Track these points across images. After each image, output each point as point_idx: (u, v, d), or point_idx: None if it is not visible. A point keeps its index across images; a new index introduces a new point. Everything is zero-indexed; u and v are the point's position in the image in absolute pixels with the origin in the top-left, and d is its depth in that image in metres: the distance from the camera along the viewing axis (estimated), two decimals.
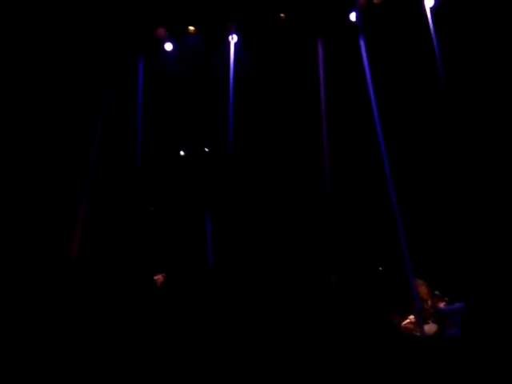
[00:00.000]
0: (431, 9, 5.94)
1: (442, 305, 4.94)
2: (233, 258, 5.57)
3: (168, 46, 6.52)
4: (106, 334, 3.97)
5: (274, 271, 4.02)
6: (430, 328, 4.84)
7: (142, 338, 3.73)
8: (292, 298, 3.88)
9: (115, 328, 3.85)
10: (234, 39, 6.42)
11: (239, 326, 4.62)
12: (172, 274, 4.93)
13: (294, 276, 3.87)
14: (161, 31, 6.39)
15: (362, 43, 6.05)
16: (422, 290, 5.13)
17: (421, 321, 4.91)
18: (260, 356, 3.94)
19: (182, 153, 6.02)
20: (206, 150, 5.98)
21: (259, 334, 4.35)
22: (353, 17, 6.13)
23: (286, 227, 3.92)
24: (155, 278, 4.82)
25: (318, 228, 3.84)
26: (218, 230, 5.86)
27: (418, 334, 4.86)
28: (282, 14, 6.02)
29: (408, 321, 5.02)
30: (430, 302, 5.10)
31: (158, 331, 3.89)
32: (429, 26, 5.90)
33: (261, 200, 4.41)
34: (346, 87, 6.08)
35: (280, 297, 3.98)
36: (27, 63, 5.77)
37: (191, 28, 6.32)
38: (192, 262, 5.57)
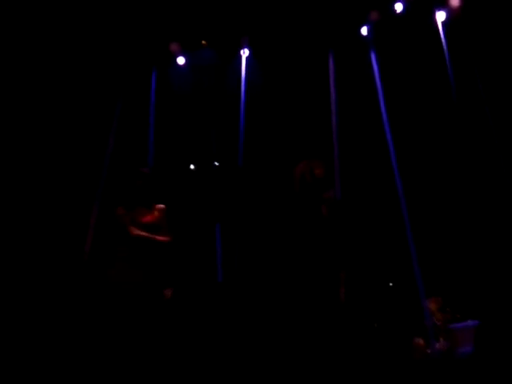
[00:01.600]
0: (443, 23, 5.92)
1: (453, 322, 4.86)
2: (242, 273, 5.55)
3: (180, 60, 6.58)
4: (112, 340, 3.96)
5: (284, 286, 3.98)
6: (441, 345, 4.76)
7: (147, 349, 3.71)
8: (301, 314, 3.84)
9: (121, 335, 3.82)
10: (245, 53, 6.46)
11: (247, 341, 4.59)
12: (180, 288, 4.91)
13: (303, 292, 3.83)
14: (174, 46, 6.45)
15: (373, 57, 6.05)
16: (434, 306, 5.06)
17: (432, 338, 4.83)
18: (268, 371, 3.91)
19: (192, 166, 6.03)
20: (216, 163, 5.99)
21: (267, 350, 4.31)
22: (364, 31, 6.13)
23: (297, 242, 3.88)
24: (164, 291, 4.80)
25: (329, 242, 3.81)
26: (228, 244, 5.85)
27: (428, 351, 4.78)
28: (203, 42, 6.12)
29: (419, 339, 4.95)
30: (441, 319, 5.02)
31: (163, 344, 3.87)
32: (440, 40, 5.89)
33: (271, 214, 4.40)
34: (357, 101, 6.07)
35: (289, 312, 3.94)
36: (41, 74, 5.84)
37: (203, 42, 6.37)
38: (201, 277, 5.55)
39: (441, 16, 5.94)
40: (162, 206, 4.02)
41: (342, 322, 4.06)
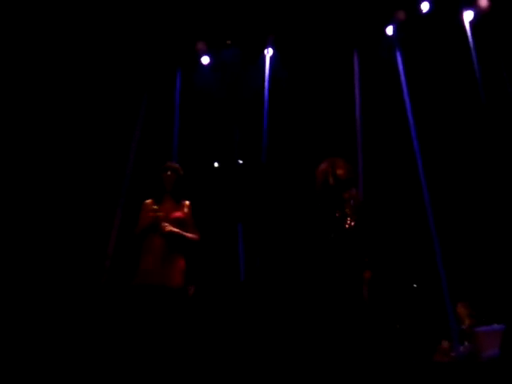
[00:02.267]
0: (470, 22, 5.84)
1: (479, 325, 4.78)
2: (264, 272, 5.54)
3: (205, 60, 6.61)
4: (130, 339, 3.96)
5: (307, 286, 3.95)
6: (465, 349, 4.70)
7: (166, 349, 3.71)
8: (324, 314, 3.80)
9: (140, 334, 3.83)
10: (269, 53, 6.46)
11: (269, 340, 4.58)
12: (202, 287, 4.91)
13: (327, 291, 3.79)
14: (200, 45, 6.48)
15: (399, 57, 5.99)
16: (462, 310, 4.98)
17: (457, 341, 4.77)
18: (290, 370, 3.88)
19: (216, 164, 6.05)
20: (240, 161, 6.00)
21: (290, 349, 4.29)
22: (390, 31, 6.08)
23: (320, 240, 3.85)
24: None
25: (353, 242, 3.77)
26: (250, 243, 5.85)
27: (452, 354, 4.72)
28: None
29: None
30: (467, 323, 4.95)
31: (183, 344, 3.87)
32: (467, 40, 5.81)
33: (292, 213, 4.38)
34: (382, 101, 6.02)
35: (312, 312, 3.91)
36: (68, 74, 5.90)
37: (228, 42, 6.40)
38: (223, 275, 5.56)
39: (468, 16, 5.86)
40: (188, 201, 3.98)
41: (365, 322, 4.02)
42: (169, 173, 3.89)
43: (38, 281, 5.14)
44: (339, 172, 3.81)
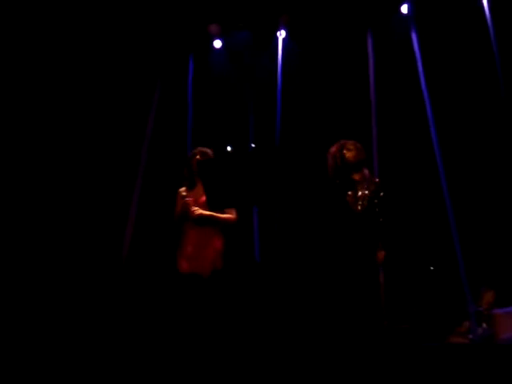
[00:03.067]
0: (489, 1, 5.71)
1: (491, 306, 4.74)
2: (280, 254, 5.54)
3: (217, 43, 6.56)
4: (153, 328, 3.99)
5: (322, 268, 3.95)
6: (483, 330, 4.66)
7: (188, 333, 3.73)
8: (338, 295, 3.79)
9: (161, 323, 3.86)
10: (282, 34, 6.39)
11: (286, 321, 4.59)
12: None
13: (341, 273, 3.79)
14: (213, 27, 6.43)
15: (414, 37, 5.88)
16: (489, 297, 4.94)
17: (474, 323, 4.73)
18: (306, 351, 3.88)
19: (228, 148, 6.03)
20: (253, 145, 5.97)
21: (305, 329, 4.30)
22: (405, 9, 5.97)
23: (335, 223, 3.84)
24: None
25: (364, 224, 3.74)
26: (266, 226, 5.84)
27: (470, 336, 4.69)
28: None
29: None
30: (484, 305, 4.91)
31: (202, 327, 3.89)
32: (486, 21, 5.67)
33: (308, 195, 4.36)
34: (397, 82, 5.92)
35: (326, 293, 3.91)
36: (79, 60, 5.91)
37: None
38: (239, 257, 5.56)
39: None
40: None
41: (379, 305, 4.01)
42: (198, 157, 3.90)
43: (55, 269, 5.20)
44: (348, 154, 3.80)
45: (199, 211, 3.77)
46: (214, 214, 3.79)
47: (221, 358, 3.61)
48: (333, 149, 3.87)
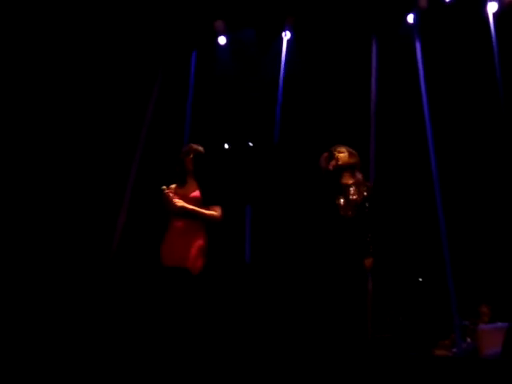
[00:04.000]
0: (494, 14, 5.70)
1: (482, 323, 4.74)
2: (271, 255, 5.52)
3: (221, 40, 6.54)
4: (140, 326, 3.98)
5: (314, 269, 3.93)
6: (467, 345, 4.65)
7: (175, 333, 3.71)
8: (329, 298, 3.78)
9: (148, 320, 3.85)
10: (287, 36, 6.38)
11: (274, 323, 4.57)
12: (208, 267, 4.91)
13: (332, 275, 3.77)
14: (218, 24, 6.41)
15: (418, 46, 5.88)
16: (485, 311, 4.94)
17: (459, 337, 4.73)
18: (292, 352, 3.88)
19: (226, 146, 6.01)
20: (250, 144, 5.95)
21: (294, 332, 4.29)
22: (410, 18, 5.97)
23: (329, 227, 3.82)
24: None
25: (353, 229, 3.73)
26: (258, 225, 5.82)
27: (454, 350, 4.68)
28: None
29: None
30: (481, 321, 4.90)
31: (191, 326, 3.87)
32: (490, 33, 5.67)
33: (299, 198, 4.34)
34: (398, 90, 5.91)
35: (317, 295, 3.90)
36: (81, 53, 5.88)
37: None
38: (228, 257, 5.55)
39: (492, 7, 5.72)
40: None
41: (365, 312, 4.00)
42: (191, 156, 3.88)
43: (47, 262, 5.18)
44: (339, 156, 3.78)
45: (181, 203, 3.75)
46: (198, 208, 3.77)
47: (204, 355, 3.60)
48: (325, 153, 3.86)
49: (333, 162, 3.77)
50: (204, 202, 3.78)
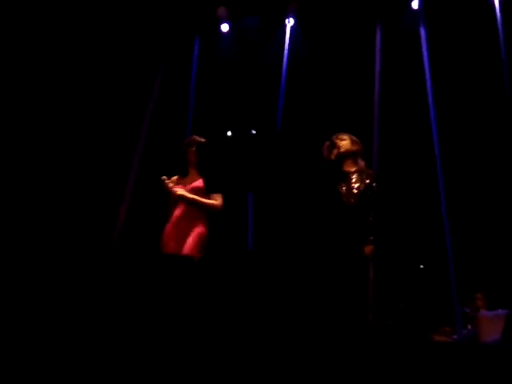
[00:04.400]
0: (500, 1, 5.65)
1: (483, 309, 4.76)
2: (274, 243, 5.55)
3: (224, 27, 6.51)
4: (144, 318, 4.01)
5: (316, 257, 3.95)
6: (468, 332, 4.68)
7: (179, 323, 3.75)
8: (331, 287, 3.81)
9: (151, 312, 3.88)
10: (290, 22, 6.34)
11: (277, 311, 4.61)
12: (211, 257, 4.96)
13: (334, 265, 3.79)
14: (221, 10, 6.37)
15: (423, 32, 5.84)
16: (480, 303, 4.96)
17: (460, 324, 4.75)
18: (295, 341, 3.91)
19: (229, 133, 6.02)
20: (253, 131, 5.96)
21: (296, 320, 4.32)
22: (415, 4, 5.92)
23: (331, 214, 3.83)
24: None
25: (354, 217, 3.74)
26: (261, 214, 5.85)
27: (454, 337, 4.71)
28: None
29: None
30: (475, 307, 4.93)
31: (194, 316, 3.90)
32: (496, 19, 5.62)
33: (302, 186, 4.36)
34: (403, 77, 5.88)
35: (319, 282, 3.92)
36: (85, 42, 5.86)
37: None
38: (231, 245, 5.58)
39: None
40: None
41: (366, 300, 4.03)
42: (194, 147, 3.90)
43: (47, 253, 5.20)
44: (341, 144, 3.78)
45: (181, 191, 3.78)
46: (198, 197, 3.79)
47: (205, 349, 3.64)
48: (327, 141, 3.86)
49: (334, 151, 3.76)
50: (206, 190, 3.80)
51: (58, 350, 3.49)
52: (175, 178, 3.95)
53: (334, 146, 3.78)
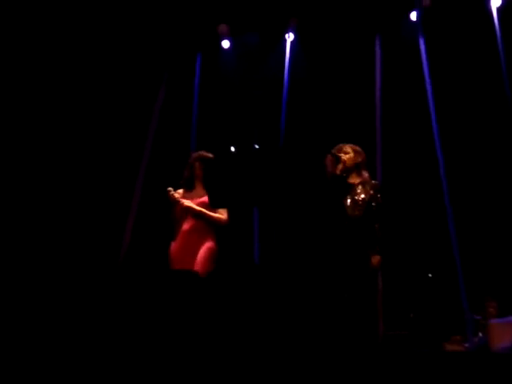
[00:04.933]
0: (498, 9, 5.70)
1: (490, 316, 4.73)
2: (280, 256, 5.54)
3: (225, 44, 6.57)
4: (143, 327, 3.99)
5: (323, 270, 3.95)
6: (479, 340, 4.65)
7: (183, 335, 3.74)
8: (340, 299, 3.80)
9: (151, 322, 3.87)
10: (290, 37, 6.40)
11: (283, 323, 4.59)
12: (219, 271, 4.96)
13: (341, 276, 3.79)
14: (222, 27, 6.45)
15: (422, 44, 5.88)
16: (492, 310, 4.93)
17: (470, 332, 4.73)
18: (302, 351, 3.89)
19: (232, 149, 6.05)
20: (256, 146, 5.99)
21: (302, 332, 4.30)
22: (413, 16, 5.98)
23: (337, 227, 3.84)
24: None
25: (364, 229, 3.74)
26: (266, 227, 5.85)
27: (466, 345, 4.68)
28: None
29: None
30: (487, 316, 4.89)
31: (199, 328, 3.90)
32: (494, 28, 5.67)
33: (307, 199, 4.37)
34: (403, 88, 5.92)
35: (328, 297, 3.92)
36: (85, 57, 5.93)
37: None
38: (238, 259, 5.58)
39: (496, 2, 5.71)
40: None
41: (376, 311, 4.01)
42: (201, 162, 3.94)
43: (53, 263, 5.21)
44: (345, 157, 3.79)
45: (188, 203, 3.80)
46: (205, 210, 3.81)
47: (213, 360, 3.62)
48: (329, 156, 3.87)
49: (340, 166, 3.77)
50: (211, 204, 3.82)
51: (61, 365, 3.48)
52: (181, 191, 3.97)
53: (339, 161, 3.79)
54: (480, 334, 4.76)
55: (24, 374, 3.27)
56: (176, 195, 3.84)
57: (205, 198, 3.89)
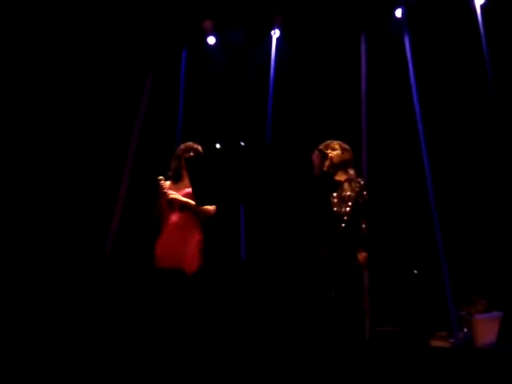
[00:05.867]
0: (481, 6, 5.74)
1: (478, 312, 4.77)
2: (266, 254, 5.54)
3: (210, 40, 6.54)
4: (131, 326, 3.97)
5: (309, 267, 3.95)
6: (463, 335, 4.69)
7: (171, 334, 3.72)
8: (326, 296, 3.80)
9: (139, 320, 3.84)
10: (276, 34, 6.39)
11: (270, 322, 4.59)
12: (203, 269, 4.94)
13: (327, 273, 3.80)
14: (207, 23, 6.42)
15: (407, 40, 5.91)
16: (480, 308, 4.97)
17: (455, 327, 4.77)
18: (289, 349, 3.89)
19: (217, 145, 6.03)
20: (242, 143, 5.97)
21: (289, 329, 4.31)
22: (398, 13, 6.00)
23: (323, 224, 3.84)
24: None
25: (355, 226, 3.75)
26: (252, 225, 5.84)
27: (451, 340, 4.72)
28: None
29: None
30: (467, 309, 4.94)
31: (186, 326, 3.88)
32: (478, 25, 5.71)
33: (294, 196, 4.37)
34: (388, 85, 5.94)
35: (314, 294, 3.92)
36: (71, 51, 5.87)
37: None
38: (224, 257, 5.56)
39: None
40: None
41: (361, 307, 4.03)
42: (191, 154, 3.91)
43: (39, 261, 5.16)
44: (332, 154, 3.79)
45: (174, 195, 3.78)
46: (191, 201, 3.78)
47: (200, 359, 3.61)
48: (317, 152, 3.87)
49: (327, 163, 3.77)
50: (197, 203, 3.79)
51: (51, 366, 3.45)
52: (169, 183, 3.94)
53: (326, 158, 3.79)
54: (465, 330, 4.80)
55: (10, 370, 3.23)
56: (165, 185, 3.82)
57: (191, 189, 3.87)
